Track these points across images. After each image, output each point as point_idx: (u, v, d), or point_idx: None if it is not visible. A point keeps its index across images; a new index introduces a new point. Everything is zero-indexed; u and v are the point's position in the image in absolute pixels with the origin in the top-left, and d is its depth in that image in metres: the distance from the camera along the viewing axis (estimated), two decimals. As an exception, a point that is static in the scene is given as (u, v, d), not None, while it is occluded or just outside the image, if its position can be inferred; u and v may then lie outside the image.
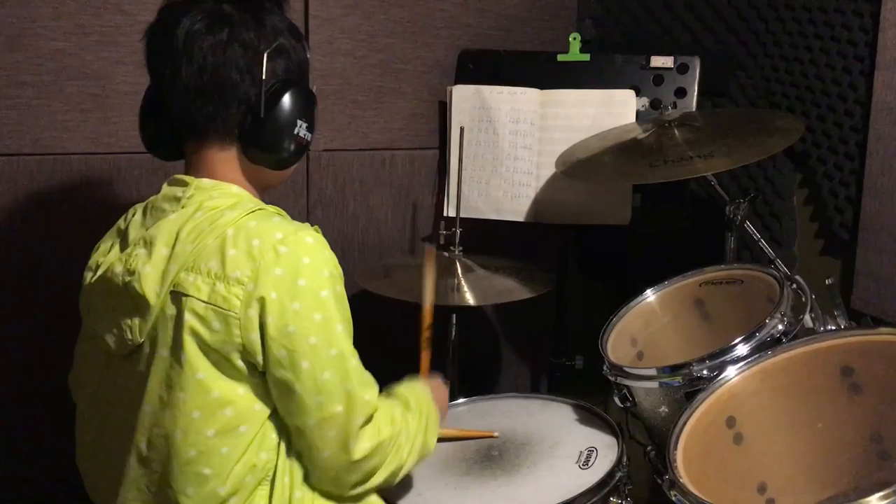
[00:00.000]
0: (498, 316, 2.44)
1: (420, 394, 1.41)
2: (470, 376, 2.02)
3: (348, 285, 2.16)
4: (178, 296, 1.17)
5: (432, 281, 1.62)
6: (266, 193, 1.34)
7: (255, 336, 1.17)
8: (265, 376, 1.20)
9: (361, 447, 1.23)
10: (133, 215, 1.30)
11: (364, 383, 1.24)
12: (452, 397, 1.85)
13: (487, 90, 2.10)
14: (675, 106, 1.99)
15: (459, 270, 1.93)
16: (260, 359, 1.18)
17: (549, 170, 2.05)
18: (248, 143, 1.25)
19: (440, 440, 1.47)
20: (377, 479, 1.28)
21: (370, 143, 2.19)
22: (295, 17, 2.03)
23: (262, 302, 1.15)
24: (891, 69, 1.80)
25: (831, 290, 1.47)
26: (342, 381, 1.20)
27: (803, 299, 1.48)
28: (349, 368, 1.21)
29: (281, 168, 1.29)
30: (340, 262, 1.18)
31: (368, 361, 1.28)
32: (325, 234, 2.19)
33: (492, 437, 1.61)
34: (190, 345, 1.16)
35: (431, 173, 2.27)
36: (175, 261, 1.17)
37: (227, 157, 1.27)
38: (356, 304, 2.29)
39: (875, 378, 1.27)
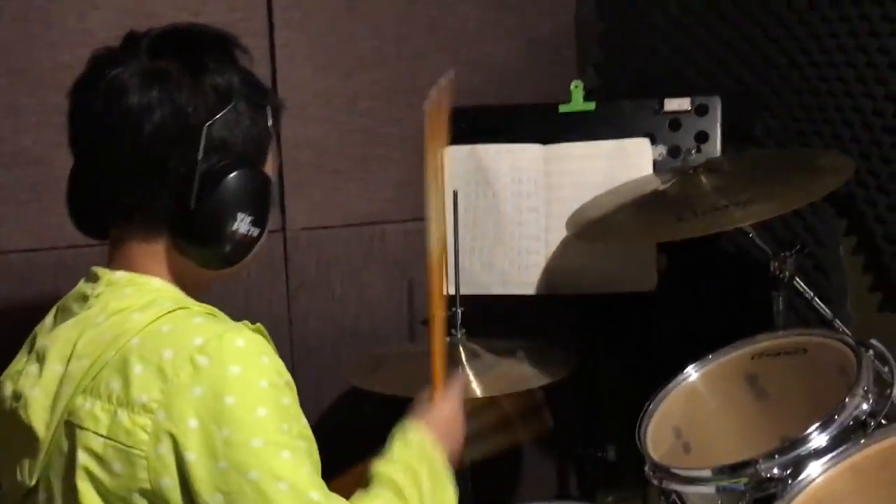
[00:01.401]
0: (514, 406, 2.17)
1: (414, 453, 1.10)
2: (484, 479, 1.74)
3: (337, 381, 2.00)
4: (71, 428, 0.92)
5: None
6: (204, 292, 1.09)
7: (170, 481, 0.90)
8: None
9: None
10: (47, 319, 1.05)
11: None
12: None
13: (483, 149, 1.90)
14: (698, 151, 1.76)
15: (464, 357, 1.68)
16: None
17: (559, 233, 1.83)
18: (177, 235, 1.01)
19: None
20: None
21: (356, 218, 1.98)
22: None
23: (177, 433, 0.90)
24: (943, 90, 1.58)
25: (921, 355, 1.20)
26: None
27: (886, 370, 1.21)
28: (309, 502, 0.92)
29: (220, 268, 1.04)
30: (329, 354, 0.95)
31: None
32: (309, 323, 1.98)
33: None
34: (86, 492, 0.91)
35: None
36: (69, 381, 0.93)
37: (153, 249, 1.03)
38: (346, 403, 2.02)
39: None
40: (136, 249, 1.02)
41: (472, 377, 1.62)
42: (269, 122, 1.06)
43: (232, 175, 0.99)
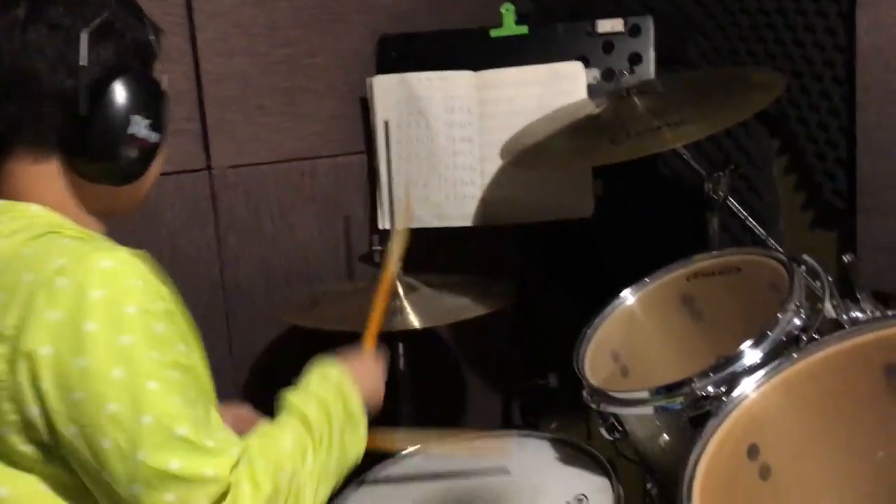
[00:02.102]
0: (454, 339, 2.15)
1: (331, 389, 1.08)
2: (426, 414, 1.72)
3: (273, 323, 1.95)
4: None
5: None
6: (108, 220, 1.04)
7: (36, 409, 0.86)
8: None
9: None
10: None
11: (202, 451, 0.88)
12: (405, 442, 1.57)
13: (414, 78, 1.83)
14: (631, 72, 1.73)
15: (401, 291, 1.64)
16: (49, 439, 0.88)
17: (494, 163, 1.79)
18: (72, 153, 0.97)
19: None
20: None
21: (284, 154, 1.89)
22: (175, 10, 1.75)
23: (31, 360, 0.85)
24: (875, 5, 1.58)
25: (851, 268, 1.20)
26: (163, 460, 0.87)
27: (818, 284, 1.21)
28: (172, 439, 0.87)
29: (122, 182, 1.00)
30: (263, 297, 0.90)
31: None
32: (241, 265, 1.90)
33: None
34: None
35: (361, 181, 1.98)
36: None
37: (43, 172, 0.98)
38: (286, 343, 1.96)
39: (931, 376, 1.00)
40: (22, 174, 0.98)
41: (410, 311, 1.60)
42: (150, 37, 1.03)
43: (119, 78, 0.96)
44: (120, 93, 0.95)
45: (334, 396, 1.07)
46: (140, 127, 0.97)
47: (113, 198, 1.01)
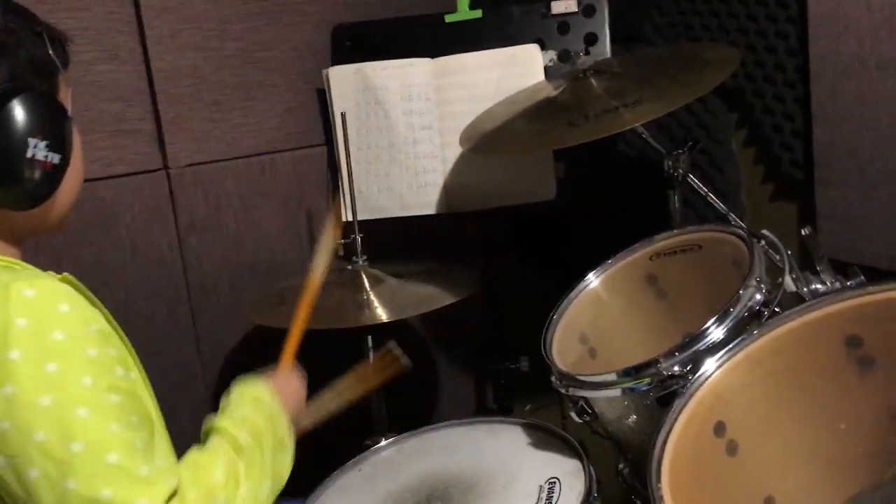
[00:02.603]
0: (424, 329, 2.14)
1: (263, 412, 1.07)
2: (400, 405, 1.72)
3: (240, 322, 1.92)
4: None
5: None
6: (27, 243, 1.01)
7: None
8: None
9: None
10: None
11: (134, 481, 0.86)
12: (380, 434, 1.56)
13: (370, 67, 1.81)
14: (587, 53, 1.72)
15: (367, 283, 1.63)
16: None
17: (455, 149, 1.78)
18: None
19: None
20: None
21: (242, 150, 1.87)
22: (123, 8, 1.71)
23: None
24: (824, -25, 1.57)
25: (810, 241, 1.21)
26: (93, 488, 0.84)
27: (778, 259, 1.22)
28: (104, 467, 0.85)
29: (28, 206, 0.96)
30: (228, 296, 0.89)
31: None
32: (204, 265, 1.87)
33: (400, 367, 1.33)
34: None
35: (322, 174, 1.96)
36: None
37: None
38: (255, 341, 1.93)
39: (889, 344, 1.01)
40: None
41: (377, 304, 1.59)
42: (50, 51, 0.98)
43: (12, 101, 0.92)
44: (13, 116, 0.91)
45: (265, 420, 1.05)
46: (39, 149, 0.93)
47: (24, 221, 0.98)
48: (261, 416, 1.06)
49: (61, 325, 0.86)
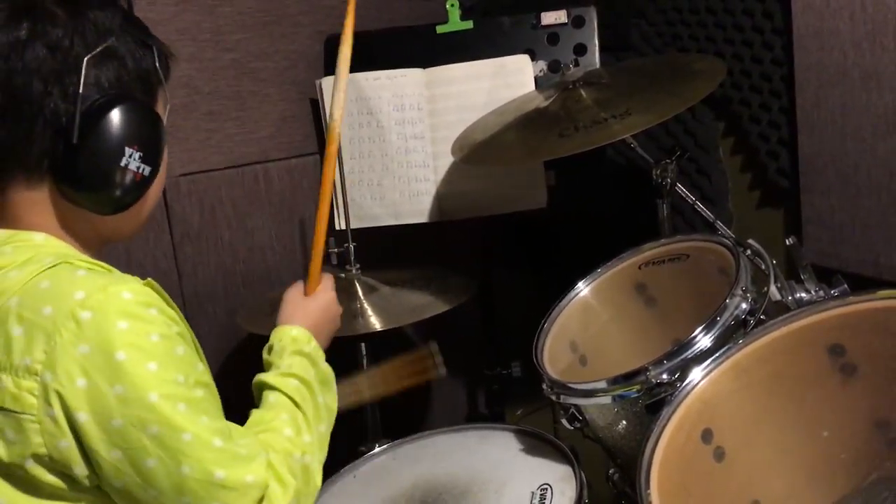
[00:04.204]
0: (416, 331, 2.16)
1: (301, 356, 1.14)
2: (393, 412, 1.74)
3: (234, 330, 1.93)
4: None
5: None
6: (105, 246, 1.05)
7: (67, 442, 0.88)
8: (100, 490, 0.92)
9: None
10: None
11: (239, 460, 0.94)
12: (374, 440, 1.59)
13: (362, 77, 1.83)
14: (576, 64, 1.75)
15: (360, 292, 1.65)
16: (81, 470, 0.89)
17: (447, 159, 1.80)
18: (61, 179, 0.96)
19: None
20: None
21: (236, 159, 1.89)
22: None
23: (64, 394, 0.87)
24: (809, -12, 1.60)
25: (794, 251, 1.23)
26: (207, 472, 0.92)
27: (763, 267, 1.24)
28: (213, 452, 0.92)
29: (111, 212, 0.99)
30: (222, 304, 0.94)
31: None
32: (198, 274, 1.89)
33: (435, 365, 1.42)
34: None
35: (315, 183, 1.97)
36: None
37: (36, 198, 0.97)
38: (250, 349, 1.95)
39: (871, 353, 1.04)
40: (19, 201, 0.97)
41: (370, 312, 1.61)
42: (156, 63, 1.01)
43: (116, 108, 0.95)
44: (115, 123, 0.94)
45: (307, 364, 1.13)
46: (133, 159, 0.96)
47: (105, 226, 1.01)
48: (304, 360, 1.13)
49: (155, 328, 0.90)
